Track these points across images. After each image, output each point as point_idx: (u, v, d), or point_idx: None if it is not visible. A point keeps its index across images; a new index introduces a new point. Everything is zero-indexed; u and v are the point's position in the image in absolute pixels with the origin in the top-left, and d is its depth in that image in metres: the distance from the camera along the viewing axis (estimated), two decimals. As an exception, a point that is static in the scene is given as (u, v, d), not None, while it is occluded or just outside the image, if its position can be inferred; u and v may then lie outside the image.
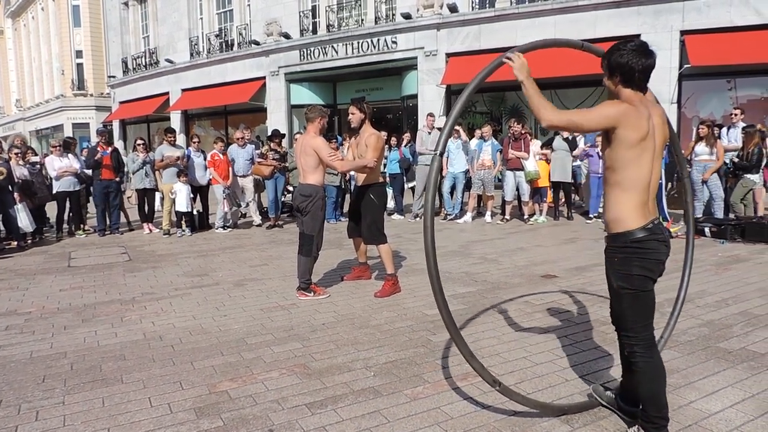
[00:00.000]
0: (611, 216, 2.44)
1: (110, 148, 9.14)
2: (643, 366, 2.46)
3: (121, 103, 26.15)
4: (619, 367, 2.75)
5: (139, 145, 9.22)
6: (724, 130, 8.97)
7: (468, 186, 10.20)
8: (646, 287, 2.43)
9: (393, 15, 16.63)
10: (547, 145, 9.75)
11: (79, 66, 33.09)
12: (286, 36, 18.44)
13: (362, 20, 17.42)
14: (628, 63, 2.34)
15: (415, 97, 16.40)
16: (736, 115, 8.91)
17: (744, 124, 8.59)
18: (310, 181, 5.12)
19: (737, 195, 8.10)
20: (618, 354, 2.75)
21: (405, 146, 10.68)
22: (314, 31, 18.35)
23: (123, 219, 9.84)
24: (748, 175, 7.96)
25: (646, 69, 2.36)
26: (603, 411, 2.82)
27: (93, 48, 32.39)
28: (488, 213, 9.91)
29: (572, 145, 9.37)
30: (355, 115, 5.23)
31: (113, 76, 26.55)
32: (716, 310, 4.47)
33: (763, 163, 8.13)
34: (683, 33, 12.99)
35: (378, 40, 16.58)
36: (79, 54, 33.00)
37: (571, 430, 2.66)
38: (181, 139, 19.78)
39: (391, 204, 11.02)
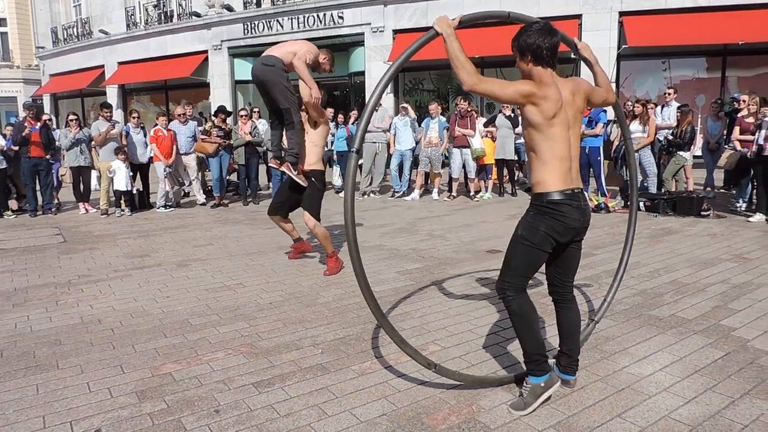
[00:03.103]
0: (534, 180, 2.61)
1: (39, 124, 8.59)
2: (515, 307, 2.62)
3: (51, 76, 24.50)
4: (557, 336, 2.86)
5: (71, 120, 8.72)
6: (658, 108, 9.36)
7: (415, 163, 10.26)
8: (544, 247, 2.57)
9: (340, -11, 16.29)
10: (491, 122, 9.90)
11: (3, 35, 30.73)
12: (229, 8, 17.75)
13: (308, -7, 17.00)
14: (535, 42, 2.50)
15: (362, 74, 16.21)
16: (669, 94, 9.31)
17: (677, 104, 8.99)
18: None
19: (670, 171, 8.51)
20: (555, 324, 2.87)
21: (352, 124, 10.60)
22: (258, 4, 17.72)
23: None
24: (681, 153, 8.37)
25: (553, 47, 2.52)
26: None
27: (18, 15, 30.06)
28: (435, 190, 10.02)
29: (515, 122, 9.54)
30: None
31: (42, 47, 24.79)
32: (649, 279, 4.72)
33: (695, 141, 8.54)
34: (622, 14, 13.42)
35: (324, 14, 16.23)
36: (2, 22, 30.61)
37: (514, 398, 2.76)
38: (118, 114, 18.82)
39: (339, 182, 10.97)
